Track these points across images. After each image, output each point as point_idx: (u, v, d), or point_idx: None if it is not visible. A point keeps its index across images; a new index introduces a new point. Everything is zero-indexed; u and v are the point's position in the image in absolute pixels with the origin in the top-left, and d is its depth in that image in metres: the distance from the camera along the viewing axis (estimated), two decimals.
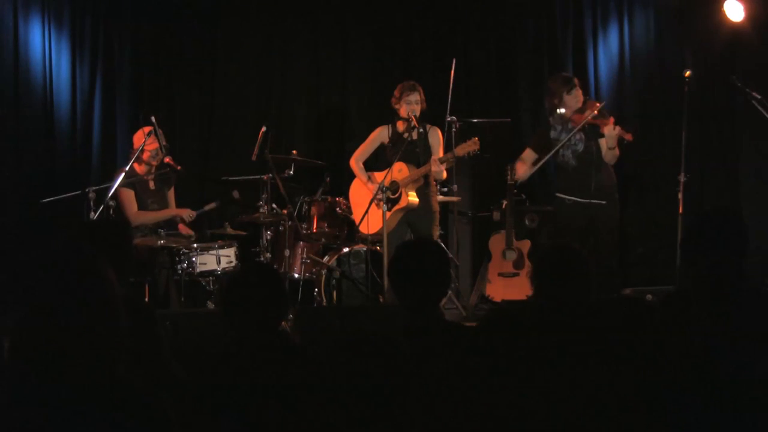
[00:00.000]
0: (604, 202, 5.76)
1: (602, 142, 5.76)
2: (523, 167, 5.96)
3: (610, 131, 5.59)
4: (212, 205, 6.03)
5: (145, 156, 5.86)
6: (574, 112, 5.74)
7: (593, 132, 5.73)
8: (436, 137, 5.99)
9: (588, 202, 5.78)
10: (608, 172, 5.82)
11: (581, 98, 5.78)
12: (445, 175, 5.94)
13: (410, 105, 5.85)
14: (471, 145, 5.72)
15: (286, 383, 2.56)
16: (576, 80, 5.84)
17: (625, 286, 6.39)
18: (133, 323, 2.87)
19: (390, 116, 6.11)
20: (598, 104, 5.74)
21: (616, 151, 5.69)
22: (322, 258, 6.33)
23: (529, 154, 5.98)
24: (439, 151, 5.92)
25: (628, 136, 5.62)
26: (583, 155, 5.77)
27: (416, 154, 5.90)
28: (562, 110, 5.75)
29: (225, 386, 2.56)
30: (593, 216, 5.78)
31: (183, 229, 6.03)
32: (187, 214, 5.98)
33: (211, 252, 5.71)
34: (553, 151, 5.74)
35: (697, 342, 2.31)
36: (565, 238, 5.90)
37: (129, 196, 5.82)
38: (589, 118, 5.64)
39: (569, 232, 5.84)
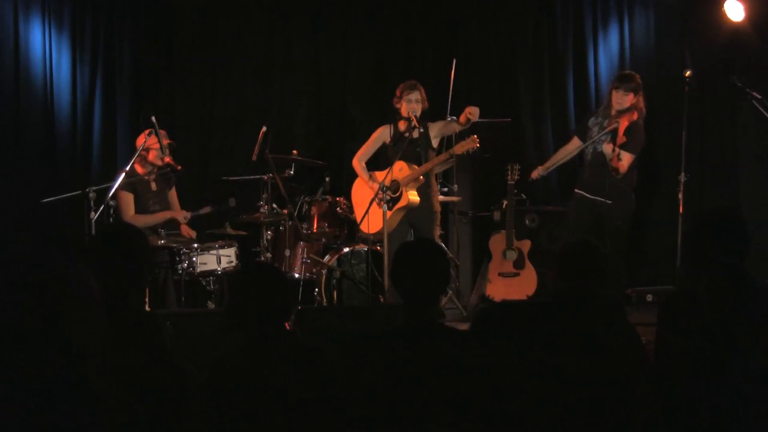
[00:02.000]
0: (609, 202, 5.79)
1: (622, 153, 5.79)
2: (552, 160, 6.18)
3: (607, 150, 5.72)
4: (207, 209, 6.03)
5: (151, 156, 5.84)
6: (618, 112, 5.79)
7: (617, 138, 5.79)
8: (435, 128, 5.99)
9: (593, 199, 5.82)
10: (626, 174, 5.85)
11: (629, 102, 5.81)
12: (476, 116, 5.80)
13: (411, 104, 5.85)
14: (470, 143, 5.72)
15: (293, 383, 2.56)
16: (636, 81, 5.84)
17: (629, 286, 6.42)
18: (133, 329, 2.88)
19: (391, 116, 6.12)
20: (636, 114, 5.78)
21: (614, 164, 5.72)
22: (323, 258, 6.33)
23: (575, 143, 6.14)
24: (440, 125, 5.96)
25: (614, 162, 5.67)
26: (599, 155, 5.85)
27: (417, 153, 5.91)
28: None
29: (233, 387, 2.57)
30: (598, 214, 5.83)
31: (185, 230, 6.03)
32: (183, 216, 5.97)
33: (211, 252, 5.71)
34: (573, 152, 6.03)
35: (704, 342, 2.32)
36: (571, 233, 5.96)
37: (127, 200, 5.80)
38: (616, 125, 5.74)
39: (576, 226, 5.90)
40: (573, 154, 6.18)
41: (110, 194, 5.31)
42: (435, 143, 6.01)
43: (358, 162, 6.17)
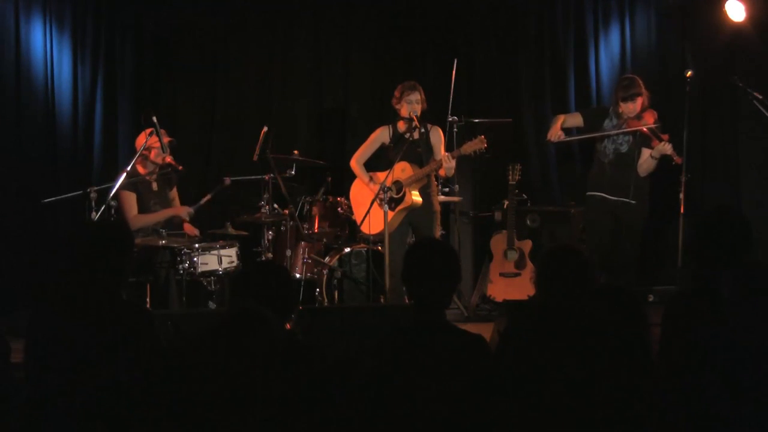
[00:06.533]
0: (633, 202, 5.80)
1: (645, 151, 5.79)
2: (560, 124, 5.99)
3: (662, 147, 5.68)
4: (207, 197, 6.00)
5: (153, 155, 5.83)
6: (631, 117, 5.81)
7: (642, 140, 5.79)
8: (438, 136, 5.99)
9: (615, 200, 5.83)
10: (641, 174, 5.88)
11: (639, 108, 5.81)
12: (453, 171, 5.94)
13: (411, 105, 5.85)
14: (478, 144, 5.71)
15: (290, 382, 2.56)
16: (640, 89, 5.81)
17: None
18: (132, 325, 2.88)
19: (391, 116, 6.12)
20: (655, 115, 5.77)
21: (654, 165, 5.78)
22: (324, 258, 6.33)
23: (575, 116, 6.11)
24: (440, 150, 5.92)
25: (678, 160, 5.71)
26: (623, 156, 5.85)
27: (418, 153, 5.90)
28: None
29: (230, 384, 2.56)
30: (619, 215, 5.84)
31: (188, 229, 6.01)
32: (185, 212, 5.95)
33: (212, 252, 5.70)
34: (592, 135, 5.90)
35: (707, 342, 2.32)
36: (591, 236, 5.97)
37: (130, 199, 5.78)
38: (645, 129, 5.73)
39: (595, 229, 5.91)
40: (574, 127, 6.10)
41: (111, 194, 5.30)
42: (436, 150, 5.99)
43: (356, 163, 6.16)
